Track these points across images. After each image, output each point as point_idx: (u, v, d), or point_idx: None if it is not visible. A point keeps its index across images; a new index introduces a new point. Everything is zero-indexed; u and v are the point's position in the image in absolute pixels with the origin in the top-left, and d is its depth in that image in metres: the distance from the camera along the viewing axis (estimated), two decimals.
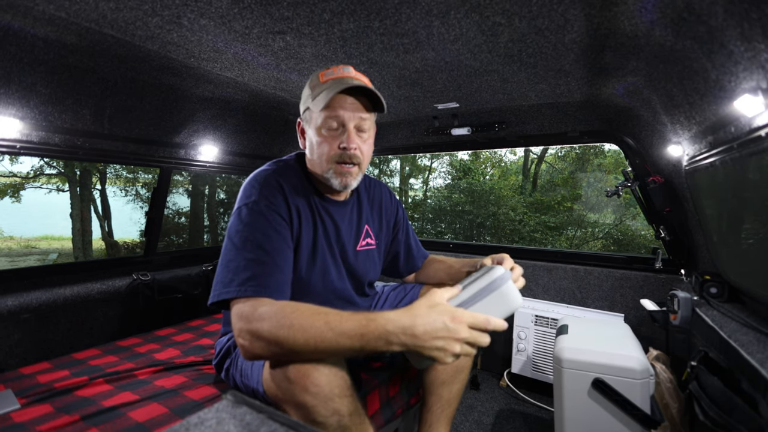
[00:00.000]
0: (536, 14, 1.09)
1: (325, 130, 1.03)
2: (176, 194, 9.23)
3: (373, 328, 0.79)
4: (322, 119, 1.02)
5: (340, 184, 1.06)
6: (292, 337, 0.79)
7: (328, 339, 0.79)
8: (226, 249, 0.96)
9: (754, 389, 0.95)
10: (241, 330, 0.84)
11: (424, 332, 0.78)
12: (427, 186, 11.98)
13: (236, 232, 0.96)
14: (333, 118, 1.02)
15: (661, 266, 1.97)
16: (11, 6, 1.09)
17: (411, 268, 1.41)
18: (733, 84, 0.95)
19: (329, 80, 1.02)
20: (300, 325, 0.80)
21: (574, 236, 9.49)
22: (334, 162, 1.04)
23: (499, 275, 0.94)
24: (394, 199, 1.39)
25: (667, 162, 1.65)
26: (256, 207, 0.98)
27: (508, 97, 1.91)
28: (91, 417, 1.07)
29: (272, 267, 0.93)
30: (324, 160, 1.05)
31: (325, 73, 1.04)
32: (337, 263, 1.17)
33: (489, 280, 0.93)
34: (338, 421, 0.85)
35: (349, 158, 1.04)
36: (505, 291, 0.91)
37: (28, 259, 9.82)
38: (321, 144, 1.04)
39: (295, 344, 0.80)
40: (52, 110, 1.54)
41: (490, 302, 0.91)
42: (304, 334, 0.79)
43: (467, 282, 0.97)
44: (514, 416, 1.94)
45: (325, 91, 1.00)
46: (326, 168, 1.05)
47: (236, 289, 0.89)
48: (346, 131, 1.02)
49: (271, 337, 0.80)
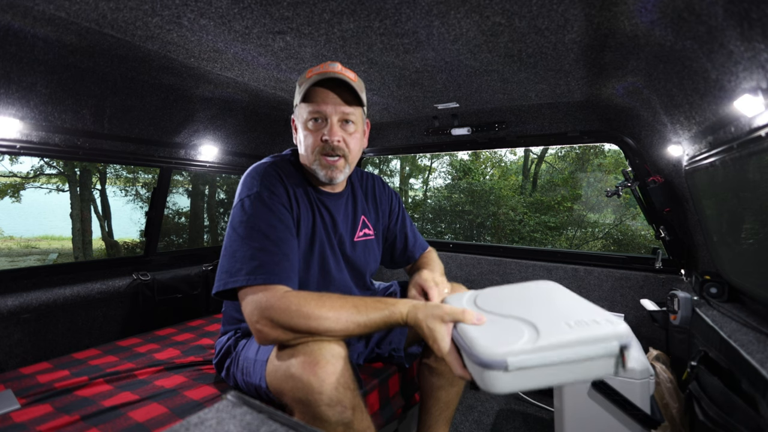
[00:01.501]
0: (536, 14, 1.09)
1: (310, 124, 1.07)
2: (176, 194, 9.24)
3: (397, 317, 0.90)
4: (307, 113, 1.06)
5: (326, 176, 1.09)
6: (324, 316, 0.86)
7: (358, 321, 0.88)
8: (231, 240, 0.97)
9: (754, 389, 0.95)
10: (259, 316, 0.87)
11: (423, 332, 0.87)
12: (427, 186, 11.98)
13: (240, 222, 0.97)
14: (316, 111, 1.05)
15: (661, 266, 1.96)
16: (11, 6, 1.09)
17: (408, 259, 1.39)
18: (733, 84, 0.95)
19: (313, 75, 1.05)
20: (331, 305, 0.88)
21: (574, 236, 9.49)
22: (319, 154, 1.07)
23: (616, 339, 0.68)
24: (387, 188, 1.39)
25: (667, 162, 1.65)
26: (259, 197, 1.00)
27: (508, 97, 1.91)
28: (91, 417, 1.07)
29: (279, 255, 0.94)
30: (310, 153, 1.08)
31: (312, 70, 1.07)
32: (335, 254, 1.17)
33: (597, 341, 0.67)
34: (341, 413, 0.84)
35: (332, 150, 1.06)
36: (615, 362, 0.68)
37: (28, 259, 9.83)
38: (307, 137, 1.07)
39: (326, 323, 0.86)
40: (52, 110, 1.54)
41: (586, 368, 0.67)
42: (337, 319, 0.86)
43: None
44: (514, 416, 1.94)
45: (307, 82, 1.04)
46: (312, 160, 1.08)
47: (245, 278, 0.90)
48: (329, 124, 1.05)
49: (302, 314, 0.86)
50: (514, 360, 0.65)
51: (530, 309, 0.78)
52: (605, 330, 0.68)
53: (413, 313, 0.88)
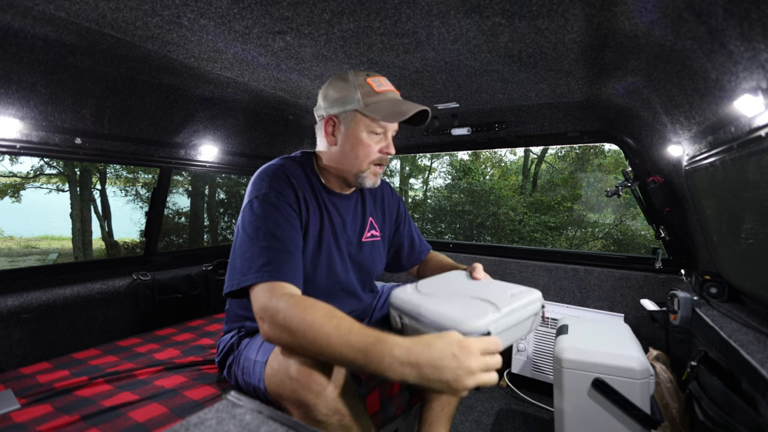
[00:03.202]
0: (536, 14, 1.09)
1: (369, 135, 1.10)
2: (176, 194, 9.24)
3: (380, 348, 0.75)
4: (371, 125, 1.08)
5: (373, 182, 1.15)
6: (302, 331, 0.81)
7: (333, 344, 0.78)
8: (240, 240, 0.99)
9: (754, 389, 0.95)
10: (263, 311, 0.87)
11: (429, 363, 0.72)
12: (427, 186, 11.98)
13: (249, 223, 0.99)
14: (383, 127, 1.09)
15: (661, 266, 1.97)
16: (11, 6, 1.09)
17: (414, 261, 1.43)
18: (733, 84, 0.95)
19: (384, 92, 1.08)
20: (312, 321, 0.81)
21: (574, 236, 9.49)
22: (373, 164, 1.12)
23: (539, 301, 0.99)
24: (394, 194, 1.42)
25: (667, 162, 1.65)
26: (267, 199, 1.02)
27: (508, 97, 1.91)
28: (91, 417, 1.07)
29: (285, 253, 0.96)
30: (363, 162, 1.11)
31: (374, 82, 1.08)
32: (342, 255, 1.18)
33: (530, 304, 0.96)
34: (339, 420, 0.85)
35: (385, 161, 1.14)
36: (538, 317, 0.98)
37: (28, 259, 9.83)
38: (364, 147, 1.10)
39: (304, 339, 0.81)
40: (52, 110, 1.54)
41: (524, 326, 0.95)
42: (313, 332, 0.80)
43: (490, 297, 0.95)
44: (514, 416, 1.94)
45: (387, 104, 1.07)
46: (364, 168, 1.12)
47: (254, 276, 0.91)
48: (386, 138, 1.12)
49: (285, 324, 0.83)
50: (494, 327, 0.84)
51: (474, 290, 1.00)
52: (534, 295, 0.99)
53: (412, 339, 0.75)
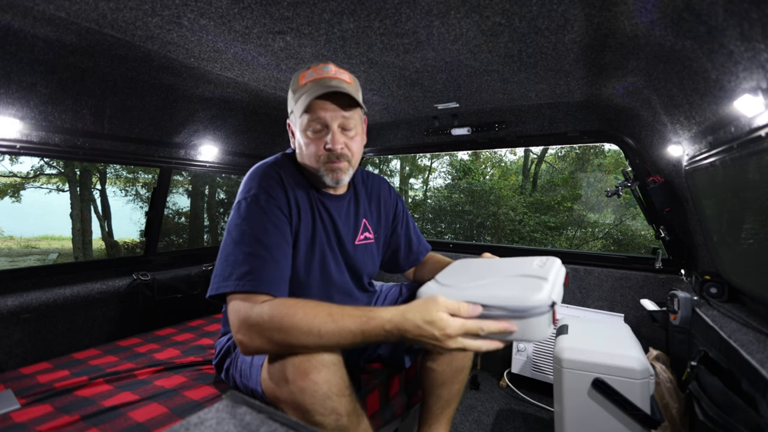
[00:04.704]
0: (536, 14, 1.09)
1: (310, 132, 1.05)
2: (176, 194, 9.23)
3: (373, 326, 0.83)
4: (306, 122, 1.03)
5: (332, 180, 1.08)
6: (296, 326, 0.82)
7: (331, 330, 0.83)
8: (225, 243, 0.97)
9: (754, 389, 0.95)
10: (240, 326, 0.86)
11: (415, 338, 0.83)
12: (427, 186, 11.98)
13: (235, 226, 0.97)
14: (315, 120, 1.03)
15: (661, 266, 1.97)
16: (11, 6, 1.09)
17: (413, 262, 1.39)
18: (733, 84, 0.95)
19: (308, 83, 1.03)
20: (304, 314, 0.83)
21: (574, 236, 9.49)
22: (323, 162, 1.06)
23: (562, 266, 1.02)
24: (393, 192, 1.38)
25: (667, 162, 1.65)
26: (255, 201, 0.99)
27: (508, 97, 1.91)
28: (91, 417, 1.07)
29: (270, 261, 0.94)
30: (314, 161, 1.06)
31: (305, 75, 1.05)
32: (336, 256, 1.17)
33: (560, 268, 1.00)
34: (336, 421, 0.85)
35: (336, 158, 1.05)
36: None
37: (28, 259, 9.82)
38: (308, 145, 1.06)
39: (299, 333, 0.82)
40: (52, 110, 1.54)
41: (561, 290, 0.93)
42: (309, 324, 0.82)
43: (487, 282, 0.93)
44: (514, 416, 1.94)
45: (305, 95, 1.01)
46: (318, 168, 1.07)
47: (234, 283, 0.90)
48: (330, 132, 1.04)
49: (275, 327, 0.82)
50: (555, 295, 0.84)
51: (503, 270, 1.00)
52: (557, 261, 1.08)
53: (399, 314, 0.83)
